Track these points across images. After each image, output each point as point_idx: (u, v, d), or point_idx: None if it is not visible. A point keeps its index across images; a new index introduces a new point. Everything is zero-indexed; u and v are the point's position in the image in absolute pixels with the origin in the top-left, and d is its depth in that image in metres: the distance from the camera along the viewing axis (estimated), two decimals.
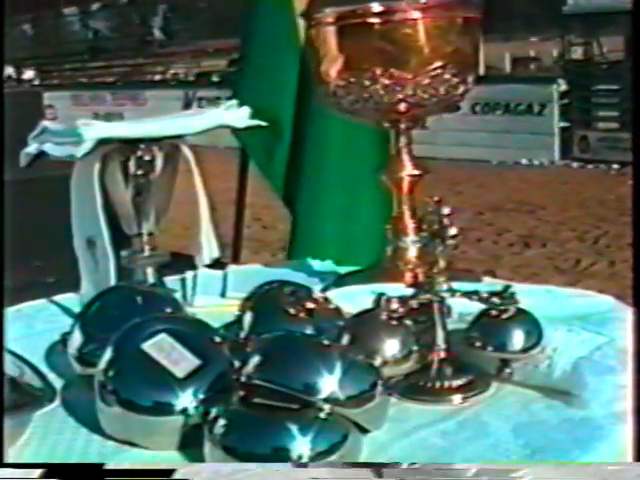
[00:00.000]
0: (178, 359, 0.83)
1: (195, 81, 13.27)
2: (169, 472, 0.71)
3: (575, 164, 8.59)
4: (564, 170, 8.37)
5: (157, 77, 15.35)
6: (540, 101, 8.81)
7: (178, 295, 1.16)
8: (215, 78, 11.97)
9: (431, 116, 1.32)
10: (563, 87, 8.69)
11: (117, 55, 18.27)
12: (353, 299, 1.05)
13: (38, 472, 0.70)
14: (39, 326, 1.16)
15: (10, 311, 1.17)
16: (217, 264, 1.32)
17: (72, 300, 1.20)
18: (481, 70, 1.21)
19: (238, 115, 1.22)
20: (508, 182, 7.62)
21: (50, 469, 0.70)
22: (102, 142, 1.13)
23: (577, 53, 9.40)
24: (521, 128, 8.74)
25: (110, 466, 0.71)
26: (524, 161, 8.75)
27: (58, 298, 1.24)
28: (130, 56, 17.95)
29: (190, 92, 10.99)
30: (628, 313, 1.06)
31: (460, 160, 8.05)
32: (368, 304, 0.94)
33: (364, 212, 1.96)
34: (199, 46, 16.77)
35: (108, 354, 0.85)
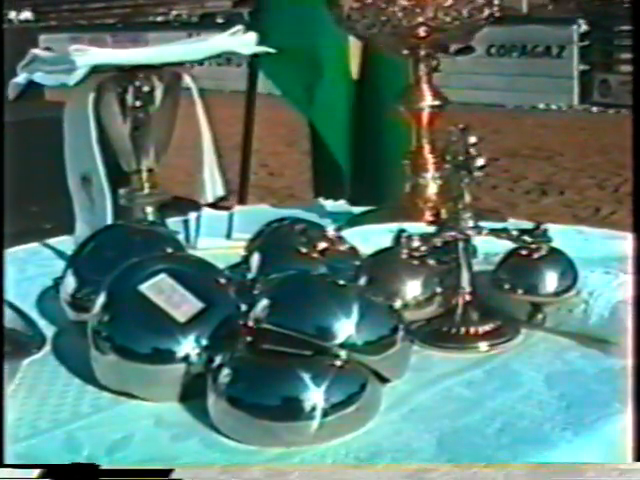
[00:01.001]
0: (179, 302, 0.77)
1: (199, 22, 12.98)
2: (166, 472, 0.67)
3: (595, 109, 8.42)
4: (583, 115, 8.22)
5: (159, 18, 14.97)
6: (559, 43, 8.62)
7: (180, 237, 1.10)
8: (220, 19, 11.70)
9: (453, 43, 1.23)
10: (583, 28, 8.47)
11: None
12: (368, 239, 0.99)
13: (36, 472, 0.67)
14: (31, 270, 1.12)
15: None
16: (222, 207, 1.27)
17: (67, 243, 1.15)
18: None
19: (243, 41, 1.15)
20: (525, 127, 7.49)
21: (49, 470, 0.67)
22: (96, 70, 1.06)
23: None
24: (539, 71, 8.56)
25: (105, 466, 0.68)
26: (541, 105, 8.60)
27: (52, 241, 1.19)
28: None
29: (194, 34, 10.81)
30: None
31: (475, 104, 7.87)
32: (384, 244, 0.88)
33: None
34: None
35: (102, 297, 0.79)
